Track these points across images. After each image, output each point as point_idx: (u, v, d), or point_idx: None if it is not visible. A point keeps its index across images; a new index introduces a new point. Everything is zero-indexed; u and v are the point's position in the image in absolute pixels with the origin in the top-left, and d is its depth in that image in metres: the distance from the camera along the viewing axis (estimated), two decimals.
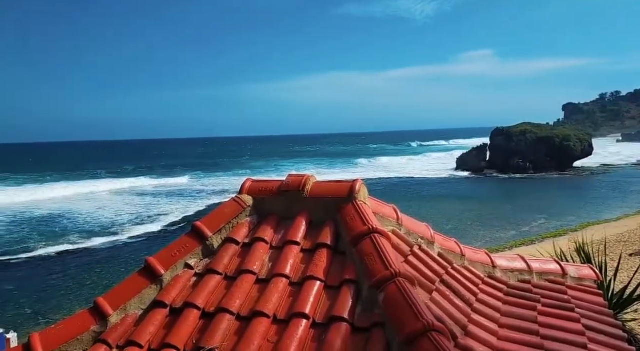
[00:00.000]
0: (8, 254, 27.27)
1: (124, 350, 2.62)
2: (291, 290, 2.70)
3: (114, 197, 50.44)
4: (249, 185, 3.42)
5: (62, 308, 18.43)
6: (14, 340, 10.59)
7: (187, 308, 2.74)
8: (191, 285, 2.93)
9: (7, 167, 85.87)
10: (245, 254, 3.02)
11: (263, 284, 2.79)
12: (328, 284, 2.66)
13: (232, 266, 2.98)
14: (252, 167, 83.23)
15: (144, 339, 2.63)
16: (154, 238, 31.29)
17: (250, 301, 2.69)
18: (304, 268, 2.80)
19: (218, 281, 2.91)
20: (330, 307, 2.50)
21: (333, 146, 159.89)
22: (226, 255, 3.04)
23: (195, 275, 3.01)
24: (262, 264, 2.93)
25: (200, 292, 2.81)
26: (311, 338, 2.37)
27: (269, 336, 2.44)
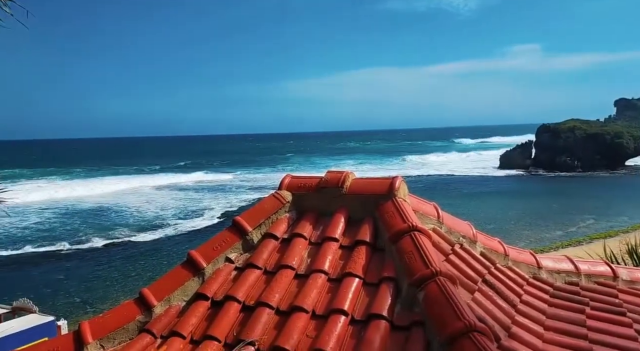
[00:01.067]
0: (60, 245, 28.84)
1: (167, 340, 2.70)
2: (330, 286, 2.70)
3: (158, 192, 52.29)
4: (288, 181, 3.45)
5: (108, 298, 19.32)
6: (65, 327, 11.13)
7: (228, 301, 2.79)
8: (231, 279, 2.99)
9: (55, 162, 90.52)
10: (284, 249, 3.05)
11: (302, 279, 2.81)
12: (367, 281, 2.64)
13: (271, 261, 3.01)
14: (291, 163, 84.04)
15: (187, 330, 2.70)
16: (195, 232, 32.23)
17: (289, 296, 2.71)
18: (342, 265, 2.80)
19: (258, 276, 2.95)
20: (369, 304, 2.48)
21: (372, 143, 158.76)
22: (265, 250, 3.08)
23: (235, 269, 3.07)
24: (301, 260, 2.95)
25: (241, 286, 2.86)
26: (350, 335, 2.37)
27: (308, 331, 2.45)
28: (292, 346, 2.37)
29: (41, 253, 27.11)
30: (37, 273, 23.31)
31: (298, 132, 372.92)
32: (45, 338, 10.02)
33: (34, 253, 27.00)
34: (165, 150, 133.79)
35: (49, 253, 26.99)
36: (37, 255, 26.78)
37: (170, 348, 2.62)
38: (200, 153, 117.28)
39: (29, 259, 25.85)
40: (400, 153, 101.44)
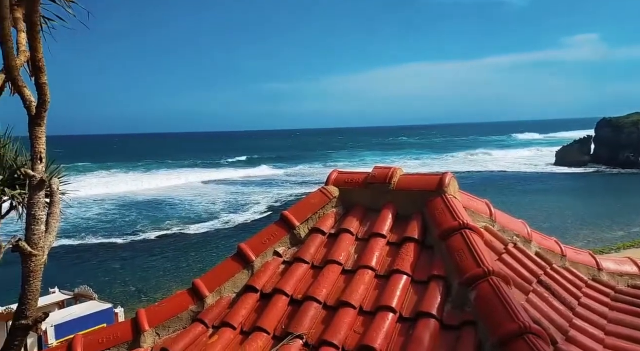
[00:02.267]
0: (117, 236, 30.43)
1: (219, 330, 2.78)
2: (377, 283, 2.69)
3: (208, 186, 53.94)
4: (335, 176, 3.45)
5: (161, 288, 20.16)
6: (122, 314, 11.68)
7: (277, 294, 2.84)
8: (280, 272, 3.03)
9: (113, 156, 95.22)
10: (332, 244, 3.06)
11: (349, 275, 2.81)
12: (415, 279, 2.60)
13: (318, 256, 3.03)
14: (337, 159, 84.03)
15: (237, 321, 2.77)
16: (243, 225, 32.98)
17: (336, 291, 2.72)
18: (390, 262, 2.77)
19: (305, 270, 2.98)
20: (417, 302, 2.45)
21: (421, 138, 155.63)
22: (313, 244, 3.10)
23: (283, 263, 3.11)
24: (348, 255, 2.95)
25: (289, 279, 2.90)
26: (398, 332, 2.35)
27: (356, 327, 2.45)
28: (340, 342, 2.38)
29: (100, 243, 28.73)
30: (96, 262, 24.73)
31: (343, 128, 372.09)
32: (104, 324, 10.58)
33: (94, 244, 28.66)
34: (214, 146, 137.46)
35: (107, 244, 28.55)
36: (96, 245, 28.41)
37: (221, 338, 2.70)
38: (248, 149, 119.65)
39: (89, 248, 27.48)
40: (449, 148, 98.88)
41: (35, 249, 3.60)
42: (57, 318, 10.23)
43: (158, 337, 2.86)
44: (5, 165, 6.53)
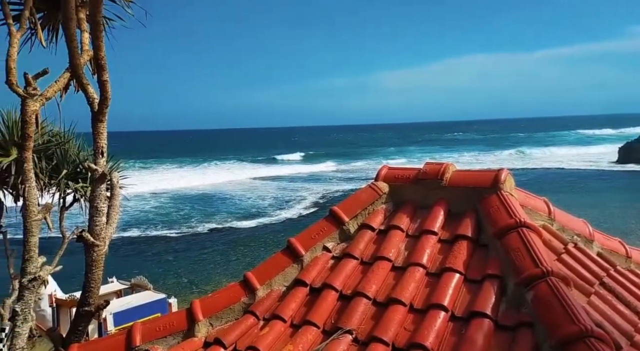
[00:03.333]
0: (170, 229, 31.70)
1: (269, 322, 2.83)
2: (428, 280, 2.64)
3: (257, 181, 55.04)
4: (385, 172, 3.41)
5: (211, 280, 20.79)
6: (175, 304, 12.11)
7: (326, 289, 2.86)
8: (329, 267, 3.05)
9: (169, 152, 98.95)
10: (381, 241, 3.04)
11: (399, 272, 2.78)
12: (468, 277, 2.53)
13: (367, 252, 3.02)
14: (386, 155, 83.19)
15: (287, 314, 2.81)
16: (290, 220, 33.40)
17: (386, 287, 2.70)
18: (441, 259, 2.71)
19: (354, 266, 2.97)
20: (470, 301, 2.38)
21: (473, 133, 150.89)
22: (362, 240, 3.09)
23: (332, 258, 3.12)
24: (398, 252, 2.92)
25: (338, 275, 2.90)
26: (450, 331, 2.30)
27: (406, 324, 2.42)
28: (390, 338, 2.36)
29: (155, 235, 30.02)
30: (151, 254, 25.85)
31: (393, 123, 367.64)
32: (158, 313, 11.01)
33: (149, 236, 29.99)
34: (266, 142, 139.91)
35: (162, 236, 29.80)
36: (151, 237, 29.71)
37: (272, 330, 2.75)
38: (298, 144, 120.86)
39: (145, 240, 28.78)
40: (502, 144, 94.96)
41: (97, 239, 3.81)
42: (115, 306, 10.75)
43: (211, 327, 2.95)
44: (69, 159, 6.96)
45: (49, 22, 5.27)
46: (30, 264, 4.32)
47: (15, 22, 4.42)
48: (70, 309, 10.68)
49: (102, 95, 3.70)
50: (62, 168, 6.72)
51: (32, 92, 4.19)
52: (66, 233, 5.94)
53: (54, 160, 6.86)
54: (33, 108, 4.16)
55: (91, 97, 3.79)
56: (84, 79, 3.73)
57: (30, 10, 4.35)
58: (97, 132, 3.85)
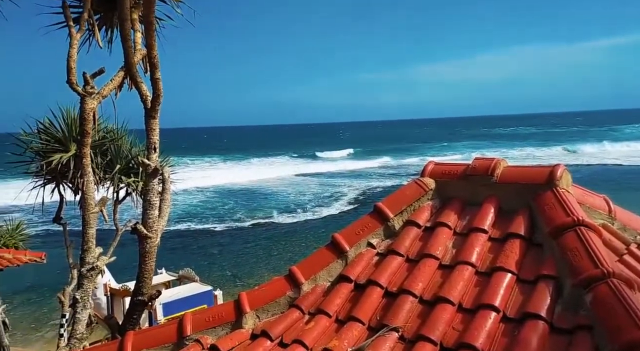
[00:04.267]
0: (215, 223, 32.58)
1: (314, 317, 2.85)
2: (477, 280, 2.57)
3: (299, 177, 55.56)
4: (431, 168, 3.35)
5: (254, 274, 21.20)
6: (220, 296, 12.42)
7: (371, 285, 2.84)
8: (374, 264, 3.03)
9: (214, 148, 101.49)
10: (427, 238, 2.98)
11: (446, 270, 2.72)
12: (521, 277, 2.44)
13: (413, 249, 2.97)
14: (429, 150, 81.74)
15: (332, 309, 2.82)
16: (331, 217, 33.49)
17: (433, 285, 2.65)
18: (492, 258, 2.63)
19: (400, 263, 2.94)
20: (524, 302, 2.30)
21: (522, 128, 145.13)
22: (407, 237, 3.05)
23: (377, 254, 3.10)
24: (445, 249, 2.85)
25: (383, 271, 2.88)
26: (501, 333, 2.22)
27: (454, 323, 2.37)
28: (438, 337, 2.31)
29: (201, 229, 30.98)
30: (197, 247, 26.67)
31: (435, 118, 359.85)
32: (204, 305, 11.34)
33: (196, 229, 30.98)
34: (306, 138, 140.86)
35: (207, 230, 30.70)
36: (198, 230, 30.68)
37: (317, 325, 2.77)
38: (339, 140, 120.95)
39: (191, 233, 29.74)
40: (554, 139, 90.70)
41: (149, 232, 3.97)
42: (164, 297, 11.15)
43: (258, 319, 3.01)
44: (122, 155, 7.31)
45: (105, 24, 5.55)
46: (89, 254, 4.58)
47: (74, 24, 4.68)
48: (123, 298, 11.18)
49: (154, 92, 3.85)
50: (115, 163, 7.06)
51: (90, 91, 4.42)
52: (119, 226, 6.25)
53: (108, 155, 7.22)
54: (91, 106, 4.39)
55: (144, 94, 3.95)
56: (138, 77, 3.89)
57: (89, 12, 4.59)
58: (149, 128, 4.01)
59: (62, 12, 4.76)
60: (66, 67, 4.43)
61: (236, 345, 2.83)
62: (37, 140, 7.27)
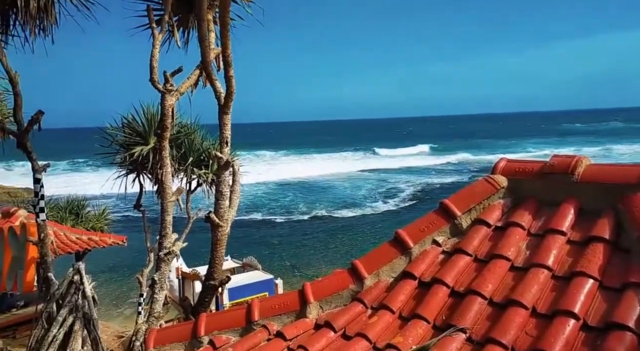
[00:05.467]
0: (277, 214, 33.41)
1: (378, 311, 2.84)
2: (554, 284, 2.43)
3: (359, 173, 55.49)
4: (503, 165, 3.20)
5: (312, 265, 21.51)
6: (280, 285, 12.72)
7: (436, 284, 2.78)
8: (439, 262, 2.96)
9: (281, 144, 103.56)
10: (498, 238, 2.86)
11: (519, 272, 2.60)
12: (604, 284, 2.28)
13: (482, 249, 2.87)
14: (495, 147, 78.37)
15: (396, 306, 2.80)
16: (388, 212, 33.18)
17: (504, 288, 2.55)
18: (571, 262, 2.47)
19: (467, 262, 2.85)
20: (608, 311, 2.14)
21: (601, 124, 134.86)
22: (476, 236, 2.95)
23: (442, 253, 3.03)
24: (518, 251, 2.73)
25: (450, 270, 2.81)
26: (581, 341, 2.09)
27: (527, 328, 2.26)
28: (509, 342, 2.22)
29: (263, 220, 31.97)
30: (258, 237, 27.51)
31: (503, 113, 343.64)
32: (265, 292, 11.69)
33: (258, 219, 32.00)
34: (365, 133, 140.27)
35: (269, 221, 31.61)
36: (260, 221, 31.68)
37: (380, 320, 2.76)
38: (400, 136, 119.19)
39: (254, 224, 30.76)
40: (636, 136, 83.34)
41: (221, 221, 4.16)
42: (230, 283, 11.63)
43: (321, 310, 3.06)
44: (194, 148, 7.72)
45: (182, 25, 5.87)
46: (166, 239, 4.91)
47: (156, 26, 5.00)
48: (193, 281, 11.81)
49: (227, 89, 4.01)
50: (189, 156, 7.46)
51: (170, 88, 4.70)
52: (191, 214, 6.60)
53: (182, 148, 7.67)
54: (170, 102, 4.66)
55: (218, 91, 4.12)
56: (213, 74, 4.07)
57: (169, 14, 4.86)
58: (222, 123, 4.19)
59: (146, 15, 5.09)
60: (149, 66, 4.74)
61: (301, 333, 2.89)
62: (121, 133, 7.90)
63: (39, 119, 6.08)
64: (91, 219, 14.14)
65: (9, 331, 11.28)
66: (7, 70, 6.08)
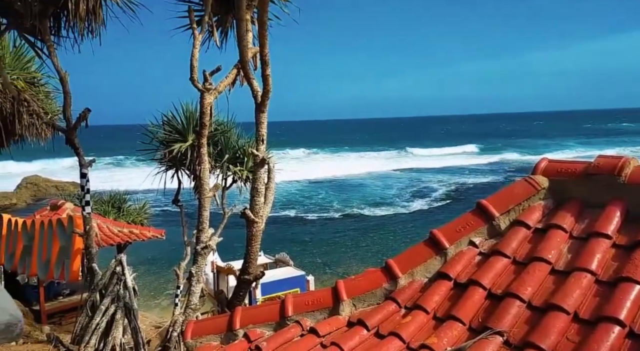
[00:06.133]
0: (308, 212, 33.60)
1: (412, 311, 2.83)
2: (598, 289, 2.35)
3: (389, 172, 55.03)
4: (544, 165, 3.12)
5: (342, 263, 21.51)
6: (312, 282, 12.78)
7: (473, 285, 2.74)
8: (475, 263, 2.91)
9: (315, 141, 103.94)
10: (538, 240, 2.79)
11: (560, 276, 2.53)
12: None
13: (521, 251, 2.81)
14: (533, 146, 76.00)
15: (430, 306, 2.77)
16: (420, 212, 32.76)
17: (544, 291, 2.48)
18: (616, 267, 2.39)
19: (505, 264, 2.79)
20: None
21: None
22: (515, 238, 2.88)
23: (479, 254, 2.98)
24: (559, 254, 2.65)
25: (486, 272, 2.76)
26: (627, 350, 2.02)
27: (569, 334, 2.20)
28: (550, 347, 2.17)
29: (295, 217, 32.22)
30: (290, 233, 27.74)
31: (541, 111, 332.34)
32: (297, 288, 11.77)
33: (290, 216, 32.28)
34: (397, 131, 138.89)
35: (300, 218, 31.83)
36: (292, 218, 31.94)
37: (414, 320, 2.74)
38: (432, 134, 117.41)
39: (286, 220, 31.04)
40: None
41: (256, 217, 4.23)
42: (263, 278, 11.77)
43: (354, 308, 3.06)
44: (230, 145, 7.89)
45: (220, 25, 6.00)
46: (203, 234, 5.05)
47: (196, 26, 5.13)
48: (227, 275, 12.05)
49: (264, 88, 4.07)
50: (225, 153, 7.62)
51: (208, 87, 4.83)
52: (226, 210, 6.75)
53: (218, 146, 7.85)
54: (209, 100, 4.79)
55: (255, 90, 4.19)
56: (250, 73, 4.14)
57: (209, 15, 4.99)
58: (259, 121, 4.26)
59: (187, 16, 5.24)
60: (189, 66, 4.89)
61: (334, 330, 2.91)
62: (161, 131, 8.18)
63: (86, 116, 6.36)
64: (132, 213, 14.67)
65: (55, 317, 11.87)
66: (58, 70, 6.38)
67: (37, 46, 6.62)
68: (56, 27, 6.48)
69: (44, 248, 9.01)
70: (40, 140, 12.93)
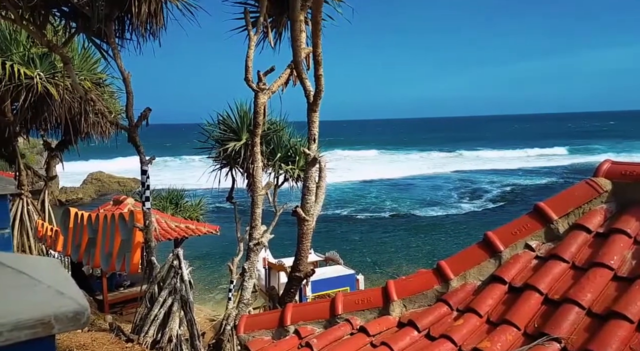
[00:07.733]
0: (358, 211, 33.53)
1: (464, 314, 2.80)
2: None
3: (441, 172, 53.79)
4: (607, 167, 2.98)
5: (392, 263, 21.29)
6: (362, 281, 12.73)
7: (528, 290, 2.67)
8: (532, 267, 2.84)
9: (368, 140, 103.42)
10: (599, 245, 2.68)
11: (623, 283, 2.42)
12: None
13: (581, 256, 2.70)
14: (594, 147, 71.65)
15: (484, 309, 2.73)
16: (473, 213, 31.78)
17: (605, 298, 2.38)
18: None
19: (564, 269, 2.70)
20: None
21: None
22: (574, 242, 2.78)
23: (536, 258, 2.89)
24: (623, 260, 2.53)
25: (543, 276, 2.68)
26: None
27: (632, 343, 2.10)
28: None
29: (345, 216, 32.25)
30: (340, 232, 27.80)
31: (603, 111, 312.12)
32: (347, 287, 11.78)
33: (341, 215, 32.35)
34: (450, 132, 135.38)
35: (350, 217, 31.82)
36: (342, 216, 32.00)
37: (466, 323, 2.71)
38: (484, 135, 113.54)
39: (336, 219, 31.12)
40: None
41: (307, 215, 4.32)
42: (313, 276, 11.85)
43: (405, 309, 3.06)
44: (282, 144, 8.05)
45: (274, 26, 6.14)
46: (256, 231, 5.21)
47: (252, 27, 5.29)
48: (278, 272, 12.28)
49: (316, 88, 4.15)
50: (277, 152, 7.80)
51: (262, 87, 4.97)
52: (278, 207, 6.91)
53: (271, 144, 8.03)
54: (263, 100, 4.93)
55: (308, 89, 4.28)
56: (303, 73, 4.23)
57: (264, 16, 5.13)
58: (311, 120, 4.35)
59: (243, 17, 5.41)
60: (244, 66, 5.05)
61: (384, 330, 2.93)
62: (217, 130, 8.49)
63: (147, 115, 6.70)
64: (188, 209, 15.29)
65: (117, 307, 12.60)
66: (121, 70, 6.77)
67: (102, 48, 7.02)
68: (120, 30, 6.86)
69: (107, 241, 9.54)
70: (104, 137, 13.80)
